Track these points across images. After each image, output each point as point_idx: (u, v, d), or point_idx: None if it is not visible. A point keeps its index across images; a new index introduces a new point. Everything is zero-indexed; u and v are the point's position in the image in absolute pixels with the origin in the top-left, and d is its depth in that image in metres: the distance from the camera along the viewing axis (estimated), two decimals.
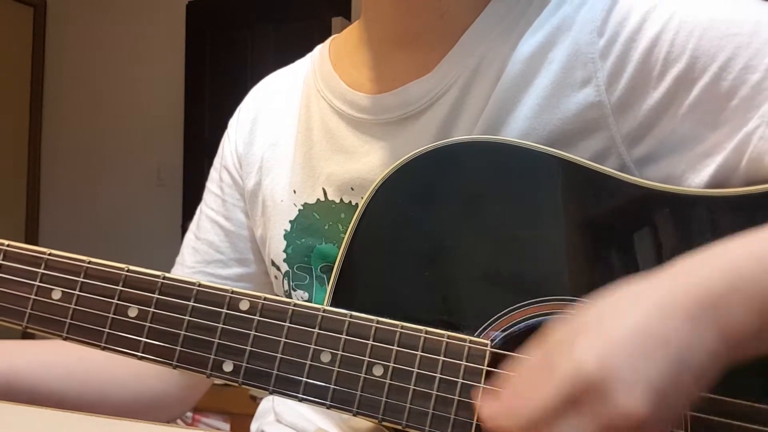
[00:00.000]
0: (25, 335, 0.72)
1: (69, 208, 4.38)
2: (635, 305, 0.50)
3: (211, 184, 0.93)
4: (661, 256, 0.63)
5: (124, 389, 0.85)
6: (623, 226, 0.65)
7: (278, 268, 0.84)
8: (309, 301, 0.80)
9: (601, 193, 0.66)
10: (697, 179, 0.66)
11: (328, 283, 0.73)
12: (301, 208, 0.81)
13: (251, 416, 0.92)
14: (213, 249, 0.90)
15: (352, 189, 0.78)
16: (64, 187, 4.43)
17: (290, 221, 0.82)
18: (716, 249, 0.53)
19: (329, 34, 0.91)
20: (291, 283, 0.82)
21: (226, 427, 2.04)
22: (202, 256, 0.91)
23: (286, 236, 0.82)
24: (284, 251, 0.82)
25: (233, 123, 0.93)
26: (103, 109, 4.31)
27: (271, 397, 0.87)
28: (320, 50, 0.89)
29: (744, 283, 0.50)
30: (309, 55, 0.91)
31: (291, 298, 0.82)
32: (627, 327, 0.49)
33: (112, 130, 4.27)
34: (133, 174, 4.19)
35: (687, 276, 0.51)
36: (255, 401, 0.92)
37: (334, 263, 0.70)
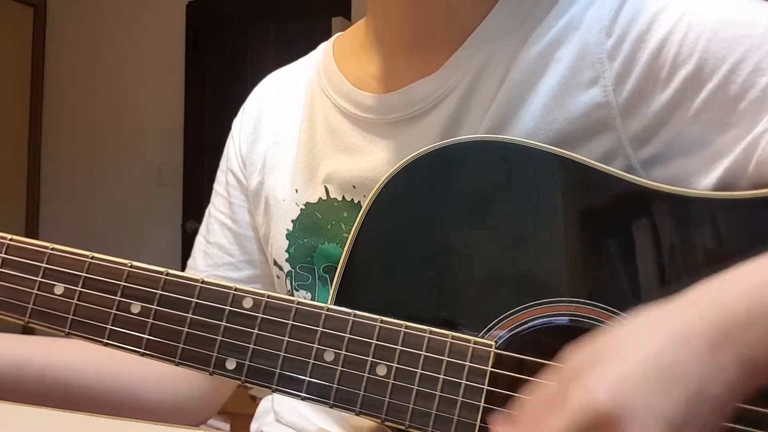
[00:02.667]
0: (26, 330, 0.72)
1: (69, 208, 4.39)
2: (652, 335, 0.49)
3: (218, 186, 0.93)
4: (667, 258, 0.63)
5: (152, 391, 0.85)
6: (630, 227, 0.64)
7: (281, 268, 0.83)
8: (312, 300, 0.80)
9: (608, 194, 0.66)
10: (704, 182, 0.66)
11: (331, 283, 0.72)
12: (303, 207, 0.81)
13: (251, 416, 0.91)
14: (223, 252, 0.90)
15: (354, 187, 0.77)
16: (64, 187, 4.43)
17: (292, 221, 0.82)
18: (735, 273, 0.52)
19: (329, 34, 0.91)
20: (293, 283, 0.82)
21: (226, 427, 2.03)
22: (213, 260, 0.91)
23: (288, 236, 0.82)
24: (286, 251, 0.82)
25: (237, 123, 0.92)
26: (103, 109, 4.32)
27: (270, 396, 0.87)
28: (324, 49, 0.88)
29: (763, 309, 0.49)
30: (313, 53, 0.90)
31: None
32: (643, 359, 0.47)
33: (113, 130, 4.27)
34: (133, 174, 4.19)
35: (706, 303, 0.50)
36: (255, 401, 0.92)
37: (337, 263, 0.69)
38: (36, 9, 4.53)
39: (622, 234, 0.65)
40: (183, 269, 0.95)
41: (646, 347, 0.48)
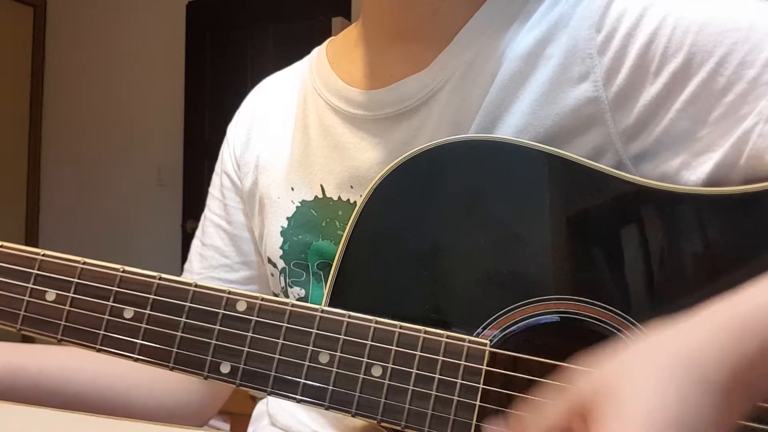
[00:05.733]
0: (26, 338, 0.72)
1: (69, 208, 4.39)
2: (673, 384, 0.45)
3: (214, 189, 0.94)
4: (657, 256, 0.63)
5: (147, 396, 0.85)
6: (621, 224, 0.65)
7: (275, 265, 0.84)
8: (305, 297, 0.80)
9: (599, 192, 0.66)
10: (693, 177, 0.65)
11: (325, 280, 0.72)
12: (299, 205, 0.81)
13: (251, 416, 0.91)
14: (219, 254, 0.91)
15: (352, 187, 0.78)
16: (64, 187, 4.44)
17: (287, 218, 0.82)
18: (729, 307, 0.50)
19: (329, 34, 0.91)
20: (287, 280, 0.82)
21: (226, 427, 2.03)
22: (209, 262, 0.91)
23: (282, 233, 0.82)
24: (281, 248, 0.82)
25: (232, 127, 0.93)
26: (103, 109, 4.32)
27: (265, 400, 0.87)
28: (318, 51, 0.89)
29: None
30: (307, 57, 0.91)
31: (287, 295, 0.82)
32: (665, 410, 0.44)
33: (112, 130, 4.28)
34: (133, 174, 4.20)
35: (720, 341, 0.47)
36: (255, 401, 0.92)
37: (331, 260, 0.69)
38: (36, 9, 4.54)
39: (613, 231, 0.65)
40: (182, 269, 0.95)
41: (668, 395, 0.45)
